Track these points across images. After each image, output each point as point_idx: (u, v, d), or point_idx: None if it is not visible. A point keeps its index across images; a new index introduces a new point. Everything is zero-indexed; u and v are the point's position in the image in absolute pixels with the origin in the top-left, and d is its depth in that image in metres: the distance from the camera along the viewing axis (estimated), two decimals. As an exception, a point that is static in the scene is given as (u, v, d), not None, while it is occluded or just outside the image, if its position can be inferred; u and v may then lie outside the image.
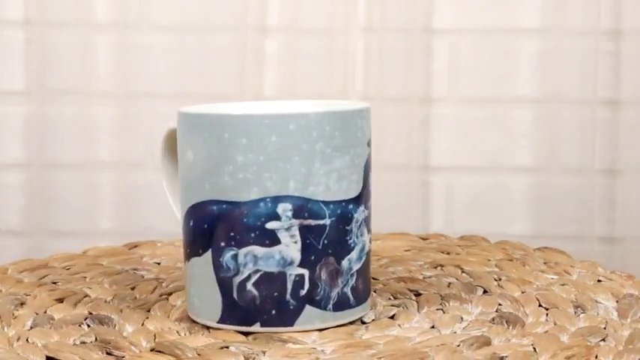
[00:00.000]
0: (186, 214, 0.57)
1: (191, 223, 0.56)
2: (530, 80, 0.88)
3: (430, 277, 0.66)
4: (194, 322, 0.58)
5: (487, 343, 0.53)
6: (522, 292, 0.63)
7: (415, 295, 0.62)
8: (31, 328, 0.57)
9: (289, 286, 0.55)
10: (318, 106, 0.60)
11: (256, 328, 0.55)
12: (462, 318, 0.58)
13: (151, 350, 0.53)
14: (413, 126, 0.88)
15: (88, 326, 0.57)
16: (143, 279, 0.67)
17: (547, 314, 0.58)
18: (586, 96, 0.87)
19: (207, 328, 0.57)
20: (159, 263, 0.71)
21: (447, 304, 0.60)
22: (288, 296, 0.55)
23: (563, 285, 0.64)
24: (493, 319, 0.57)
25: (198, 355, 0.52)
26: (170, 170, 0.62)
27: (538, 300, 0.61)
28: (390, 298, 0.62)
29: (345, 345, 0.54)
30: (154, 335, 0.56)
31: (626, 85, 0.87)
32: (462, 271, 0.68)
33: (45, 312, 0.60)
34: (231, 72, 0.87)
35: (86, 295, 0.63)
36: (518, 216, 0.89)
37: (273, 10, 0.87)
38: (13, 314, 0.59)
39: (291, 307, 0.55)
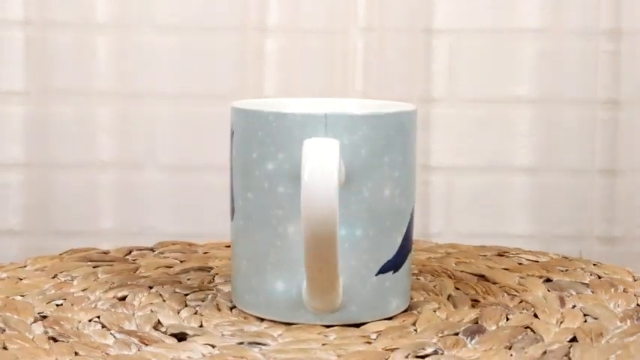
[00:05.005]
0: None
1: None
2: (530, 80, 0.88)
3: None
4: None
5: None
6: None
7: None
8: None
9: None
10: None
11: None
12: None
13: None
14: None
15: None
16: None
17: None
18: (586, 96, 0.87)
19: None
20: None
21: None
22: None
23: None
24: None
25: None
26: None
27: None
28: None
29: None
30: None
31: (626, 85, 0.87)
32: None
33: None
34: (231, 72, 0.87)
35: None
36: (518, 216, 0.89)
37: (273, 10, 0.87)
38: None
39: None
